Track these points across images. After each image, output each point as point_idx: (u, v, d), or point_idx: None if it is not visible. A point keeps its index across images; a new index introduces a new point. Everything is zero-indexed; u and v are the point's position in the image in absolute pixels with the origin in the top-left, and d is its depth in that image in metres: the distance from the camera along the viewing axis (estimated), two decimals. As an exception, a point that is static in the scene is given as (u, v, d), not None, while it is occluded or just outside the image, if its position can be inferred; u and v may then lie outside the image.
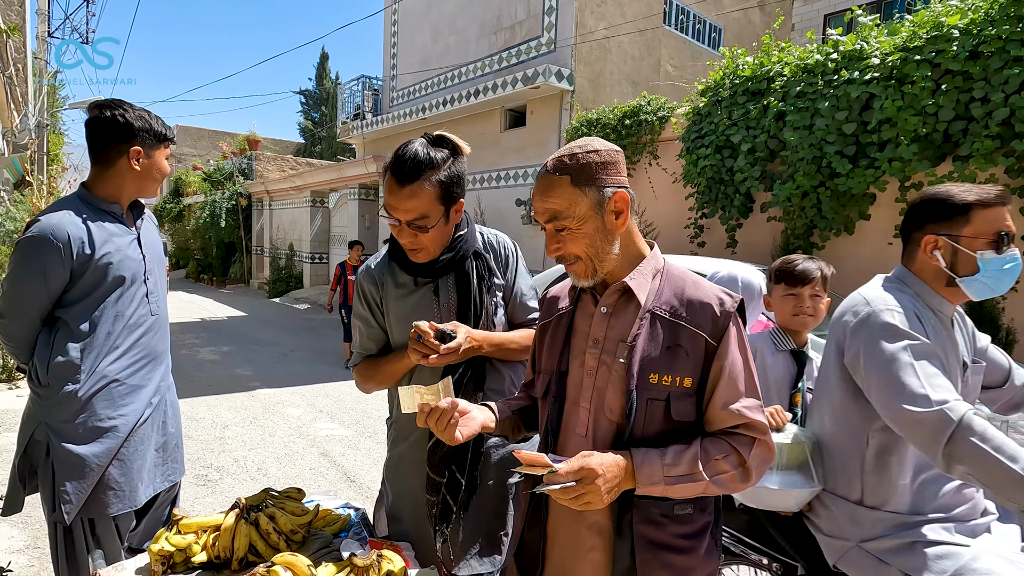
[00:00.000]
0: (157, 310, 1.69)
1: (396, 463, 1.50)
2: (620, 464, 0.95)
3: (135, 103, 1.64)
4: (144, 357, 1.65)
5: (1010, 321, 4.22)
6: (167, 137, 1.65)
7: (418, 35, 11.13)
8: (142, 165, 1.61)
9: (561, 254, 1.06)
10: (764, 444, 0.99)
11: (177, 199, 23.34)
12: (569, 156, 1.02)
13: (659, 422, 1.01)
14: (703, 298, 1.03)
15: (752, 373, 1.03)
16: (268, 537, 1.31)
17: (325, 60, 30.71)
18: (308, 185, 14.42)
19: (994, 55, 4.00)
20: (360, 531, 1.53)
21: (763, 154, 5.38)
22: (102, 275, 1.54)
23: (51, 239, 1.48)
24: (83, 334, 1.54)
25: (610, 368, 1.04)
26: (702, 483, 0.96)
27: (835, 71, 4.87)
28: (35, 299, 1.52)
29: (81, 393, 1.53)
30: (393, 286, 1.41)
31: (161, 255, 1.77)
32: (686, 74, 10.08)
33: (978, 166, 4.15)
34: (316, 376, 6.34)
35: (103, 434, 1.55)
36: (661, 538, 1.01)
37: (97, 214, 1.59)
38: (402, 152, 1.28)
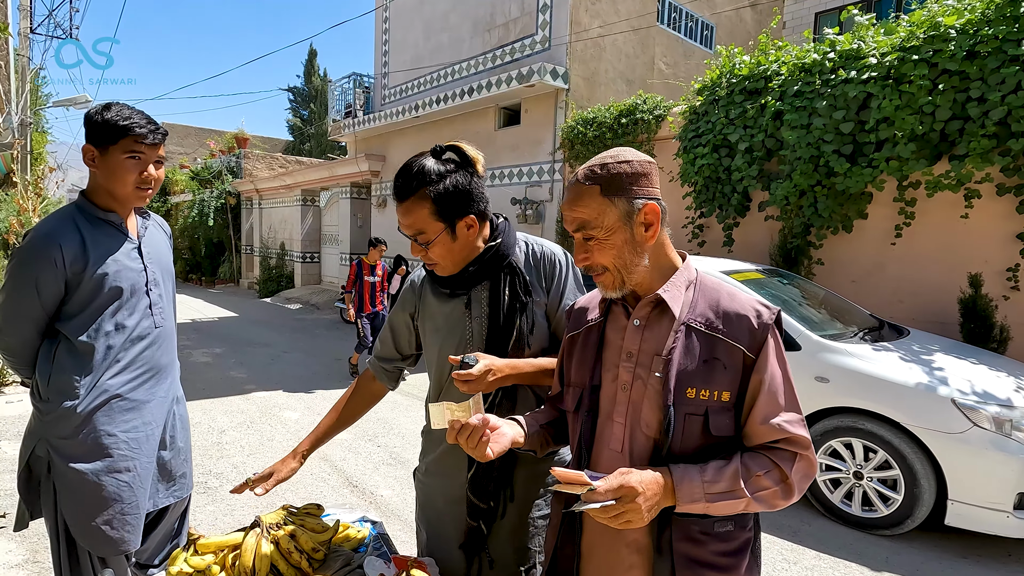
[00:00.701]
0: (161, 322, 1.62)
1: (422, 474, 1.49)
2: (660, 481, 0.93)
3: (126, 102, 1.55)
4: (148, 371, 1.60)
5: (1003, 319, 4.26)
6: (121, 132, 1.46)
7: (410, 32, 11.03)
8: (98, 165, 1.50)
9: (588, 264, 1.04)
10: (806, 459, 0.97)
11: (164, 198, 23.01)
12: (600, 166, 1.01)
13: (697, 437, 0.99)
14: (740, 310, 1.01)
15: (792, 386, 1.01)
16: (289, 556, 1.28)
17: (313, 57, 30.38)
18: (298, 184, 14.26)
19: (991, 55, 4.03)
20: (379, 546, 1.50)
21: (760, 153, 5.39)
22: (98, 287, 1.48)
23: (43, 250, 1.43)
24: (82, 348, 1.49)
25: (645, 382, 1.02)
26: (743, 500, 0.94)
27: (832, 70, 4.88)
28: (29, 312, 1.48)
29: (80, 409, 1.47)
30: (431, 295, 1.40)
31: (168, 264, 1.70)
32: (679, 72, 10.08)
33: (974, 165, 4.18)
34: (312, 378, 6.27)
35: (104, 450, 1.50)
36: (702, 556, 0.99)
37: (94, 223, 1.53)
38: (402, 167, 1.27)
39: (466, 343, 1.35)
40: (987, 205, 4.40)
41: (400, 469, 3.84)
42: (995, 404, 2.85)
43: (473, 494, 1.33)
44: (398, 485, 3.58)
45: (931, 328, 4.50)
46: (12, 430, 4.11)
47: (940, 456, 2.86)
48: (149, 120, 1.52)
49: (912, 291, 4.84)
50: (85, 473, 1.47)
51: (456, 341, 1.35)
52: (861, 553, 2.86)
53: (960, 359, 3.30)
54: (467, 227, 1.28)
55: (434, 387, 1.44)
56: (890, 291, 4.96)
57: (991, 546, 2.92)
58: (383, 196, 11.83)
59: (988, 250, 4.44)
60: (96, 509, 1.48)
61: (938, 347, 3.50)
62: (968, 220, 4.46)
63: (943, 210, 4.62)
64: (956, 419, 2.84)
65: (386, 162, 11.71)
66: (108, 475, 1.49)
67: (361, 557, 1.40)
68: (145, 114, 1.53)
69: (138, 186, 1.52)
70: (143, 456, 1.55)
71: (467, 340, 1.35)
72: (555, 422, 1.24)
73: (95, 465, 1.48)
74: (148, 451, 1.57)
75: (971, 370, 3.14)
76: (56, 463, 1.48)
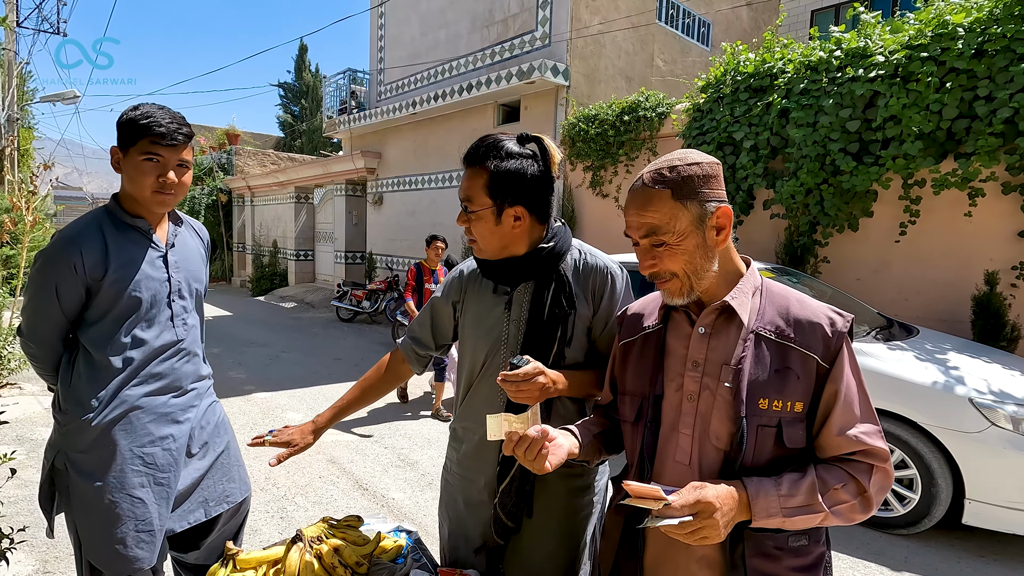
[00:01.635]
0: (184, 334, 1.55)
1: (447, 472, 1.48)
2: (735, 496, 0.90)
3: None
4: (168, 383, 1.52)
5: (1016, 317, 4.29)
6: (139, 132, 1.40)
7: (407, 28, 10.92)
8: (122, 167, 1.45)
9: (656, 271, 1.00)
10: (883, 471, 0.94)
11: (153, 195, 22.68)
12: (669, 168, 0.97)
13: (770, 449, 0.96)
14: (812, 317, 0.98)
15: (867, 396, 0.98)
16: (334, 571, 1.24)
17: (304, 52, 30.05)
18: (292, 181, 14.11)
19: (999, 54, 4.04)
20: (418, 556, 1.46)
21: (766, 151, 5.38)
22: (116, 295, 1.43)
23: (63, 254, 1.39)
24: (99, 358, 1.43)
25: (714, 392, 0.99)
26: (821, 514, 0.91)
27: (839, 68, 4.88)
28: (50, 317, 1.43)
29: (96, 422, 1.42)
30: (476, 288, 1.38)
31: (198, 273, 1.63)
32: (676, 69, 10.07)
33: (981, 163, 4.19)
34: (312, 378, 6.20)
35: (118, 466, 1.43)
36: (776, 571, 0.96)
37: (120, 228, 1.47)
38: (482, 136, 1.27)
39: (501, 344, 1.30)
40: (992, 203, 4.41)
41: (409, 471, 3.79)
42: (1012, 403, 2.85)
43: (501, 509, 1.29)
44: (408, 488, 3.54)
45: (937, 326, 4.52)
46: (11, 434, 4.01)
47: (957, 455, 2.86)
48: (174, 119, 1.44)
49: (917, 289, 4.86)
50: (98, 489, 1.42)
51: (492, 341, 1.31)
52: (880, 552, 2.86)
53: (974, 358, 3.31)
54: (514, 217, 1.23)
55: (464, 383, 1.39)
56: (895, 289, 4.98)
57: (1010, 545, 2.93)
58: (379, 193, 11.72)
59: (993, 248, 4.46)
60: (109, 526, 1.42)
61: (950, 346, 3.51)
62: (972, 218, 4.47)
63: (948, 208, 4.64)
64: (973, 418, 2.84)
65: (382, 159, 11.60)
66: (121, 492, 1.43)
67: (402, 569, 1.36)
68: (172, 113, 1.46)
69: (156, 190, 1.44)
70: (160, 472, 1.48)
71: (503, 341, 1.30)
72: (606, 431, 1.20)
73: (109, 481, 1.42)
74: (166, 466, 1.49)
75: (986, 369, 3.15)
76: (72, 477, 1.43)
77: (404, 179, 11.09)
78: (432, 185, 10.42)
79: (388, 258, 11.57)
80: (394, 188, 11.37)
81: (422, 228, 10.73)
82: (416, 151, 10.71)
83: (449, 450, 1.47)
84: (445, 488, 1.48)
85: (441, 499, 1.50)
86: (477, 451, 1.35)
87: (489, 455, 1.32)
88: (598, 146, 7.17)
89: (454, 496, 1.43)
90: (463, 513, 1.39)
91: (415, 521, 3.11)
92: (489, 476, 1.32)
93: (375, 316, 10.11)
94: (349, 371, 6.59)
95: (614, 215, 7.26)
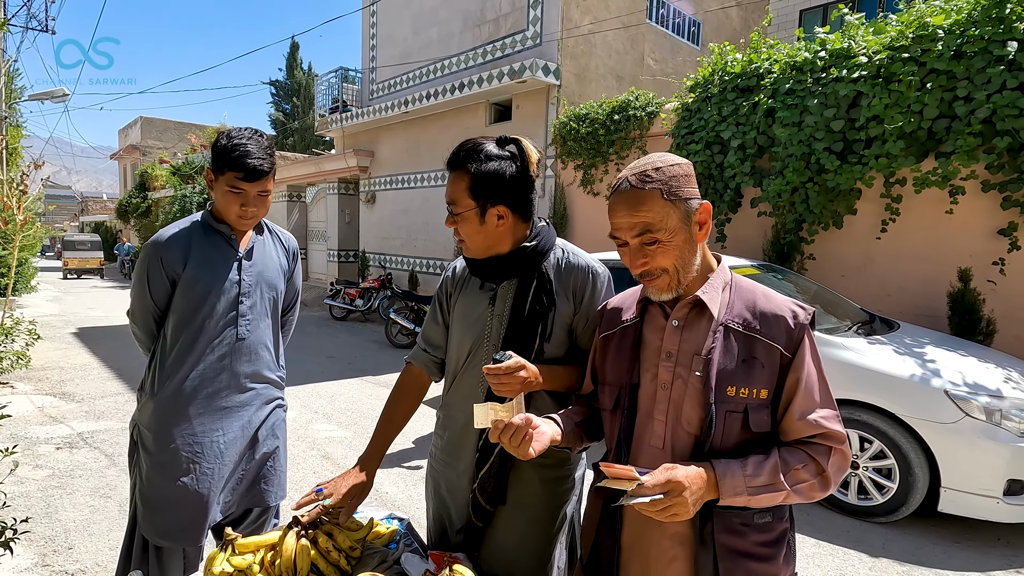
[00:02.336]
0: (246, 334, 1.66)
1: (432, 458, 1.53)
2: (703, 476, 0.96)
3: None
4: (225, 379, 1.64)
5: (990, 312, 4.40)
6: (228, 165, 1.54)
7: (398, 27, 10.94)
8: (213, 187, 1.62)
9: (648, 268, 1.05)
10: (840, 452, 1.01)
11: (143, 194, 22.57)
12: (654, 169, 1.02)
13: (737, 434, 1.03)
14: (776, 311, 1.05)
15: (827, 383, 1.05)
16: (328, 555, 1.29)
17: (296, 50, 29.97)
18: (284, 179, 14.09)
19: (977, 55, 4.14)
20: (410, 542, 1.52)
21: (752, 150, 5.47)
22: (189, 290, 1.59)
23: (153, 249, 1.60)
24: (171, 346, 1.61)
25: (686, 381, 1.05)
26: (783, 492, 0.98)
27: (824, 69, 4.97)
28: (144, 303, 1.63)
29: (155, 404, 1.59)
30: (465, 284, 1.42)
31: (274, 280, 1.74)
32: (667, 68, 10.16)
33: (960, 162, 4.29)
34: (306, 375, 6.24)
35: (168, 447, 1.58)
36: (743, 547, 1.03)
37: (207, 232, 1.65)
38: (463, 142, 1.33)
39: (484, 338, 1.35)
40: (971, 201, 4.52)
41: (402, 466, 3.85)
42: (986, 395, 2.95)
43: (480, 494, 1.35)
44: (402, 482, 3.60)
45: (918, 321, 4.63)
46: (4, 432, 4.03)
47: (933, 445, 2.96)
48: (260, 155, 1.55)
49: (899, 285, 4.97)
50: (152, 464, 1.59)
51: (476, 335, 1.36)
52: (859, 540, 2.95)
53: (950, 351, 3.41)
54: (497, 216, 1.28)
55: (449, 375, 1.45)
56: (878, 285, 5.09)
57: (983, 531, 3.03)
58: (371, 192, 11.75)
59: (972, 245, 4.57)
60: (156, 499, 1.58)
61: (928, 340, 3.61)
62: (952, 216, 4.58)
63: (928, 206, 4.75)
64: (949, 409, 2.93)
65: (374, 158, 11.63)
66: (168, 474, 1.57)
67: (395, 553, 1.42)
68: (260, 144, 1.57)
69: (239, 216, 1.60)
70: (205, 461, 1.60)
71: (486, 336, 1.35)
72: (588, 420, 1.26)
73: (160, 458, 1.58)
74: (211, 457, 1.61)
75: (961, 362, 3.25)
76: (139, 449, 1.62)
77: (397, 177, 11.12)
78: (424, 184, 10.46)
79: (381, 256, 11.60)
80: (387, 186, 11.40)
81: (415, 226, 10.77)
82: (408, 149, 10.75)
83: (434, 437, 1.54)
84: (430, 474, 1.54)
85: (426, 484, 1.56)
86: (458, 439, 1.41)
87: (468, 442, 1.38)
88: (589, 145, 7.24)
89: (437, 481, 1.49)
90: (445, 498, 1.46)
91: (408, 513, 3.17)
92: (468, 462, 1.38)
93: (368, 314, 10.15)
94: (343, 369, 6.64)
95: (605, 213, 7.30)
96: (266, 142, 1.62)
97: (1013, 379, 3.13)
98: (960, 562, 2.77)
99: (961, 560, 2.79)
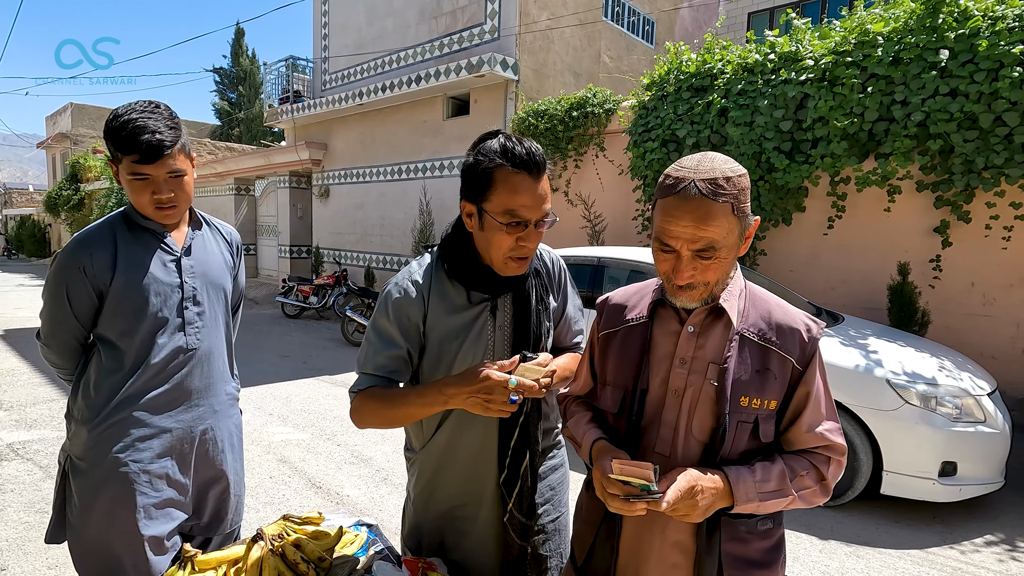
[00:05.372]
0: (196, 343, 1.47)
1: (426, 501, 1.36)
2: (718, 484, 0.95)
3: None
4: (174, 397, 1.44)
5: (926, 304, 4.69)
6: (123, 149, 1.31)
7: (352, 16, 10.64)
8: (121, 181, 1.38)
9: (694, 280, 0.98)
10: (839, 463, 1.03)
11: (75, 185, 21.19)
12: (725, 179, 0.94)
13: (745, 443, 1.02)
14: (792, 323, 1.04)
15: (831, 396, 1.06)
16: (296, 567, 1.24)
17: (241, 36, 28.74)
18: (231, 172, 13.53)
19: (913, 61, 4.38)
20: (380, 549, 1.48)
21: (706, 148, 5.62)
22: (123, 300, 1.38)
23: (73, 257, 1.36)
24: (108, 365, 1.40)
25: (699, 389, 1.03)
26: (789, 498, 0.99)
27: (773, 71, 5.15)
28: (63, 321, 1.41)
29: (94, 428, 1.37)
30: (439, 300, 1.22)
31: (220, 280, 1.54)
32: (622, 66, 10.31)
33: (897, 163, 4.55)
34: (258, 376, 6.01)
35: (112, 479, 1.37)
36: (747, 554, 1.03)
37: (134, 231, 1.43)
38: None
39: (487, 353, 1.24)
40: (908, 200, 4.80)
41: (364, 467, 3.77)
42: (923, 383, 3.14)
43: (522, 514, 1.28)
44: (364, 484, 3.52)
45: (861, 313, 4.88)
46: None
47: (876, 431, 3.13)
48: (156, 127, 1.31)
49: (843, 279, 5.23)
50: (91, 501, 1.37)
51: (480, 352, 1.23)
52: (809, 524, 3.09)
53: (890, 342, 3.61)
54: (467, 215, 1.19)
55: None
56: (823, 279, 5.33)
57: (920, 511, 3.23)
58: (325, 186, 11.43)
59: (909, 241, 4.86)
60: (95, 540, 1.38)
61: (871, 332, 3.81)
62: (891, 214, 4.85)
63: (870, 204, 5.01)
64: (890, 397, 3.11)
65: (328, 150, 11.31)
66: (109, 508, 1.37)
67: (366, 561, 1.39)
68: (153, 118, 1.32)
69: (156, 206, 1.38)
70: (153, 491, 1.40)
71: (488, 349, 1.24)
72: (600, 423, 1.19)
73: (102, 493, 1.37)
74: (160, 486, 1.41)
75: (900, 352, 3.45)
76: (73, 483, 1.40)
77: (352, 171, 10.85)
78: (381, 178, 10.26)
79: (336, 252, 11.32)
80: (341, 180, 11.11)
81: (370, 221, 10.55)
82: (364, 143, 10.50)
83: (418, 477, 1.36)
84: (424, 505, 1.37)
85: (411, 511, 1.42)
86: (471, 471, 1.29)
87: (484, 471, 1.28)
88: (548, 141, 7.27)
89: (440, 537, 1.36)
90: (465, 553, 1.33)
91: (373, 516, 3.11)
92: (491, 494, 1.29)
93: (323, 312, 9.88)
94: (297, 368, 6.44)
95: (563, 209, 7.38)
96: (167, 112, 1.36)
97: (946, 368, 3.34)
98: (900, 540, 2.94)
99: (901, 538, 2.96)
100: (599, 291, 4.34)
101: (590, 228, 7.11)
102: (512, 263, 1.18)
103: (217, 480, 1.56)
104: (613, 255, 4.42)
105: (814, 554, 2.81)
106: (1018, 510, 3.30)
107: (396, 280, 1.25)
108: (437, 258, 1.27)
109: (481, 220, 1.16)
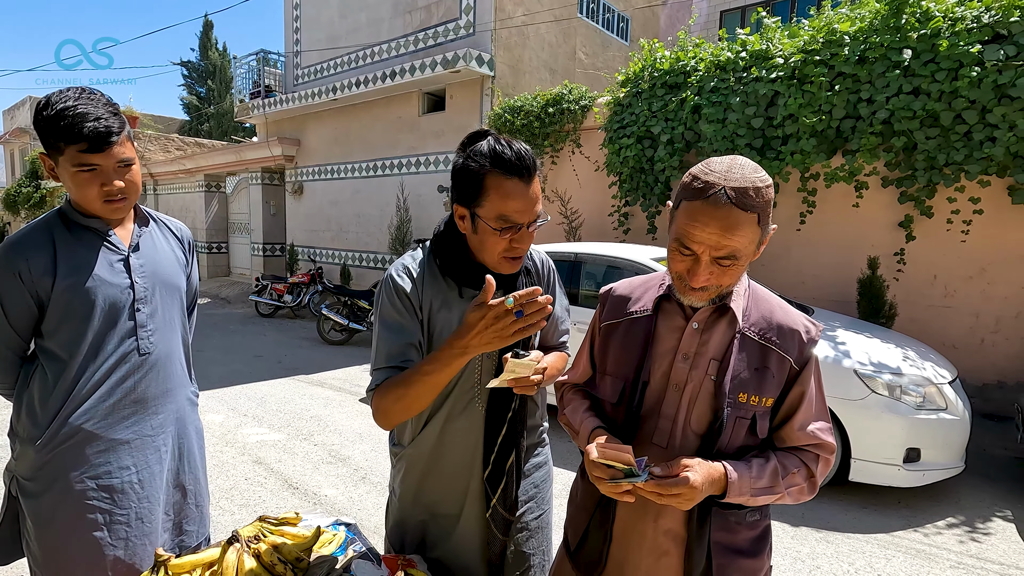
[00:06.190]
0: (150, 347, 1.38)
1: (413, 497, 1.36)
2: (713, 475, 0.98)
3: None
4: (130, 406, 1.36)
5: (893, 297, 4.84)
6: (64, 138, 1.22)
7: (324, 9, 10.47)
8: (60, 176, 1.29)
9: (709, 284, 0.99)
10: (827, 461, 1.07)
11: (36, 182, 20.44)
12: (755, 190, 0.93)
13: (742, 438, 1.05)
14: (792, 324, 1.06)
15: (824, 396, 1.09)
16: (273, 569, 1.23)
17: (209, 29, 28.00)
18: (201, 168, 13.21)
19: (878, 60, 4.50)
20: (359, 547, 1.48)
21: (681, 145, 5.69)
22: (66, 305, 1.28)
23: (7, 262, 1.25)
24: (53, 375, 1.30)
25: (699, 384, 1.05)
26: (779, 495, 1.02)
27: (745, 69, 5.24)
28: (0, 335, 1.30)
29: (43, 446, 1.28)
30: (434, 294, 1.21)
31: (173, 279, 1.46)
32: (597, 62, 10.36)
33: (864, 159, 4.68)
34: (232, 377, 5.90)
35: (67, 499, 1.29)
36: (736, 543, 1.06)
37: (74, 231, 1.32)
38: None
39: None
40: (875, 196, 4.94)
41: (341, 467, 3.74)
42: (888, 372, 3.24)
43: (505, 510, 1.29)
44: (341, 484, 3.49)
45: (831, 306, 5.02)
46: None
47: (845, 420, 3.22)
48: (99, 112, 1.23)
49: (813, 273, 5.36)
50: (46, 526, 1.29)
51: None
52: (781, 511, 3.17)
53: (858, 334, 3.71)
54: (460, 216, 1.18)
55: (441, 394, 1.23)
56: (794, 273, 5.46)
57: (886, 496, 3.35)
58: (298, 182, 11.25)
59: (876, 236, 5.00)
60: (58, 568, 1.30)
61: (839, 324, 3.92)
62: (859, 209, 4.99)
63: (839, 200, 5.14)
64: (858, 387, 3.20)
65: (301, 146, 11.12)
66: (67, 531, 1.29)
67: (344, 561, 1.38)
68: (94, 103, 1.24)
69: (105, 200, 1.28)
70: (118, 508, 1.33)
71: None
72: (597, 410, 1.21)
73: (57, 516, 1.29)
74: (126, 502, 1.34)
75: (867, 343, 3.55)
76: (23, 506, 1.31)
77: (326, 167, 10.70)
78: (356, 174, 10.13)
79: (310, 250, 11.15)
80: (315, 177, 10.95)
81: (346, 218, 10.43)
82: (338, 138, 10.36)
83: (405, 474, 1.36)
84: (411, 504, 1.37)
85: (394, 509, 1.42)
86: (455, 469, 1.30)
87: (467, 465, 1.28)
88: (524, 137, 7.27)
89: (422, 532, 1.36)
90: (447, 550, 1.34)
91: (351, 516, 3.08)
92: (476, 489, 1.29)
93: (298, 311, 9.73)
94: (272, 368, 6.33)
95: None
96: (104, 98, 1.27)
97: (910, 357, 3.46)
98: (868, 525, 3.04)
99: (869, 523, 3.06)
100: (576, 287, 4.37)
101: (567, 224, 7.15)
102: (506, 263, 1.19)
103: (182, 490, 1.50)
104: (590, 251, 4.45)
105: (786, 540, 2.89)
106: (977, 493, 3.44)
107: (392, 271, 1.24)
108: (429, 253, 1.26)
109: (474, 224, 1.15)
